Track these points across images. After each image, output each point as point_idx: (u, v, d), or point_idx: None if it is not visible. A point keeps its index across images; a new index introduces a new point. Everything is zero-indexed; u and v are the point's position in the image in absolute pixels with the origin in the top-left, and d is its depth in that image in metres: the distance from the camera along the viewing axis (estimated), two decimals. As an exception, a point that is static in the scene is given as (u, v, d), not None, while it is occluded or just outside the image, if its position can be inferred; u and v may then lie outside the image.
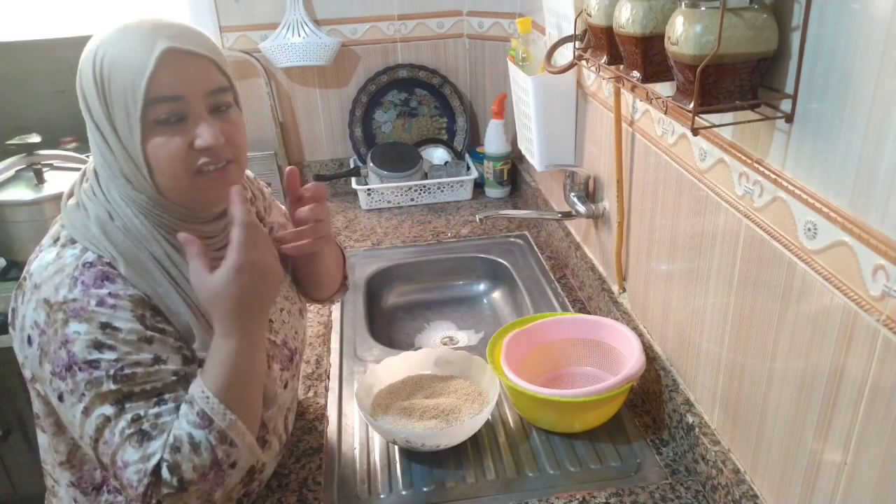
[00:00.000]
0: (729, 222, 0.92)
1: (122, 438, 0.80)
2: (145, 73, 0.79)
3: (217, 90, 0.85)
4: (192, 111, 0.82)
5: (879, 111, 0.64)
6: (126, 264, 0.83)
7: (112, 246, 0.84)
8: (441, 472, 1.10)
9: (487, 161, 2.05)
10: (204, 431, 0.81)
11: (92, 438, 0.81)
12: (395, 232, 1.91)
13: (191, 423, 0.81)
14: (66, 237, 0.86)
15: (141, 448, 0.80)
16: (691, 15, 0.76)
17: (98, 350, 0.80)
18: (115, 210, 0.85)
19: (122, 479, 0.81)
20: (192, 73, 0.82)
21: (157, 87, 0.80)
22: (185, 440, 0.80)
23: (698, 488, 1.04)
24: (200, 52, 0.83)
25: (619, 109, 1.23)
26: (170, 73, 0.80)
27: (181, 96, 0.81)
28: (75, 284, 0.81)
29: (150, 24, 0.82)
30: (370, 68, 2.14)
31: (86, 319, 0.80)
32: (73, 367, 0.80)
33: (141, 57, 0.79)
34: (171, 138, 0.82)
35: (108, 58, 0.80)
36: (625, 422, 1.18)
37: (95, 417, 0.80)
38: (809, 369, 0.77)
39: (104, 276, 0.82)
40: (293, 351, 1.04)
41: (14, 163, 1.73)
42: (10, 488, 1.94)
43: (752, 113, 0.80)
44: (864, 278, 0.67)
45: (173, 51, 0.80)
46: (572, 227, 1.66)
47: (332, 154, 2.25)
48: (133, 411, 0.80)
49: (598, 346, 1.26)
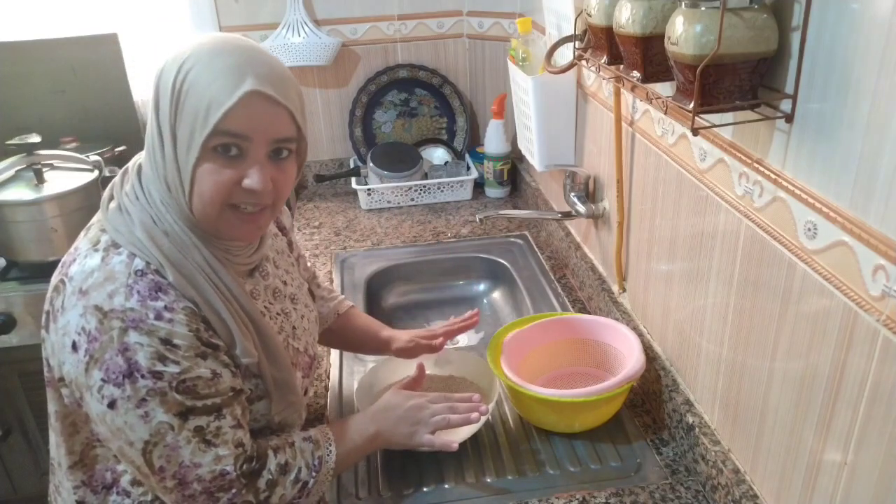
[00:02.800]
0: (729, 222, 0.92)
1: (188, 443, 0.83)
2: (223, 106, 0.79)
3: (284, 139, 0.85)
4: (252, 152, 0.83)
5: (879, 111, 0.64)
6: (174, 270, 0.83)
7: (159, 251, 0.83)
8: (441, 472, 1.10)
9: (487, 161, 2.05)
10: (311, 473, 0.93)
11: (146, 442, 0.82)
12: (395, 232, 1.91)
13: (306, 461, 0.94)
14: (107, 241, 0.85)
15: (210, 452, 0.84)
16: (691, 15, 0.76)
17: (162, 363, 0.80)
18: (157, 215, 0.85)
19: (187, 476, 0.84)
20: (267, 119, 0.83)
21: (228, 122, 0.80)
22: (293, 470, 0.92)
23: (698, 488, 1.04)
24: (282, 101, 0.83)
25: (619, 109, 1.23)
26: (245, 113, 0.80)
27: (248, 136, 0.82)
28: (131, 293, 0.81)
29: (244, 57, 0.81)
30: (370, 68, 2.14)
31: (146, 332, 0.80)
32: (133, 374, 0.80)
33: (225, 89, 0.79)
34: (224, 170, 0.82)
35: (193, 73, 0.80)
36: (625, 422, 1.18)
37: (157, 423, 0.81)
38: (809, 369, 0.77)
39: (157, 287, 0.82)
40: (312, 358, 1.07)
41: (14, 163, 1.73)
42: (10, 488, 1.94)
43: (752, 113, 0.80)
44: (864, 278, 0.67)
45: (257, 94, 0.80)
46: (572, 227, 1.66)
47: (332, 154, 2.25)
48: (196, 423, 0.83)
49: (598, 346, 1.26)
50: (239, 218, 0.86)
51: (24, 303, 1.66)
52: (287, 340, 1.00)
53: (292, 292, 1.05)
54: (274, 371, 0.93)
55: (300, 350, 1.03)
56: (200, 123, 0.80)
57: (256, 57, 0.83)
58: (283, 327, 1.00)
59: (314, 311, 1.12)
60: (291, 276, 1.07)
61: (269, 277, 1.00)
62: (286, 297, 1.03)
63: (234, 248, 0.91)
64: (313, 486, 0.94)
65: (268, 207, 0.88)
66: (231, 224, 0.86)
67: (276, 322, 0.99)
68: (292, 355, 1.00)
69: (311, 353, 1.06)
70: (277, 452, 0.92)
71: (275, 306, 1.00)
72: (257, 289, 0.98)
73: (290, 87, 0.85)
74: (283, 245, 1.10)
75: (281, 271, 1.05)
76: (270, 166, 0.85)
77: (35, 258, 1.66)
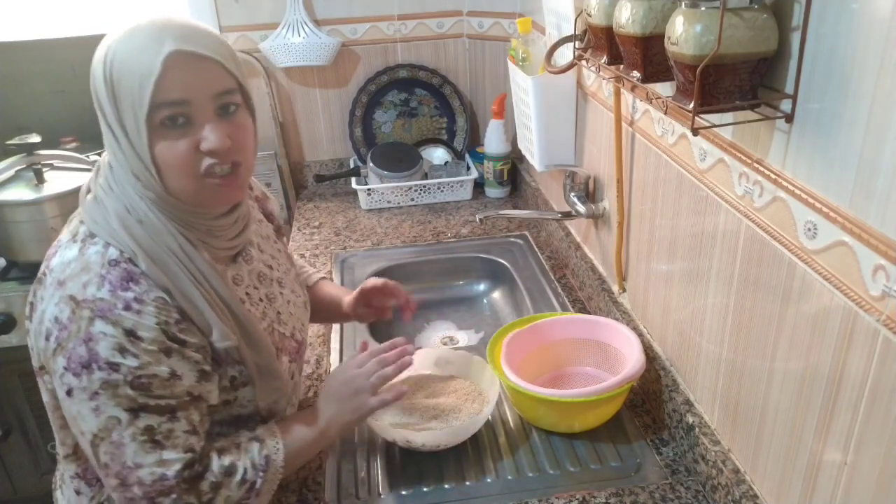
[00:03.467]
0: (729, 222, 0.92)
1: (133, 441, 0.82)
2: (151, 76, 0.78)
3: (224, 92, 0.84)
4: (198, 114, 0.82)
5: (879, 111, 0.64)
6: (146, 258, 0.84)
7: (132, 240, 0.84)
8: (441, 472, 1.10)
9: (487, 161, 2.05)
10: (258, 473, 0.90)
11: (95, 436, 0.82)
12: (395, 232, 1.91)
13: (252, 461, 0.90)
14: (85, 232, 0.86)
15: (154, 453, 0.83)
16: (691, 15, 0.76)
17: (121, 354, 0.81)
18: (130, 204, 0.85)
19: (128, 478, 0.83)
20: (199, 75, 0.82)
21: (162, 91, 0.79)
22: (239, 474, 0.89)
23: (698, 488, 1.04)
24: (207, 53, 0.82)
25: (619, 109, 1.23)
26: (175, 77, 0.80)
27: (187, 100, 0.81)
28: (103, 283, 0.81)
29: (158, 25, 0.81)
30: (370, 68, 2.14)
31: (112, 322, 0.80)
32: (91, 364, 0.80)
33: (148, 60, 0.79)
34: (178, 141, 0.82)
35: (117, 60, 0.80)
36: (625, 422, 1.18)
37: (106, 418, 0.82)
38: (809, 369, 0.77)
39: (129, 277, 0.83)
40: (300, 343, 1.06)
41: (14, 163, 1.73)
42: (10, 488, 1.94)
43: (752, 113, 0.80)
44: (864, 278, 0.67)
45: (179, 53, 0.79)
46: (572, 227, 1.66)
47: (332, 154, 2.25)
48: (146, 421, 0.83)
49: (598, 346, 1.26)
50: (217, 184, 0.86)
51: (24, 303, 1.66)
52: (272, 325, 1.00)
53: (279, 277, 1.05)
54: (256, 357, 0.93)
55: (286, 335, 1.02)
56: (138, 103, 0.79)
57: (172, 21, 0.82)
58: (266, 312, 1.00)
59: (302, 297, 1.11)
60: (278, 261, 1.07)
61: (252, 262, 1.00)
62: (272, 280, 1.04)
63: (217, 228, 0.91)
64: (262, 485, 0.91)
65: (240, 165, 0.87)
66: (211, 192, 0.86)
67: (259, 307, 0.99)
68: (277, 340, 1.00)
69: (298, 337, 1.05)
70: (222, 454, 0.89)
71: (259, 291, 1.00)
72: (240, 274, 0.97)
73: (214, 40, 0.84)
74: (269, 231, 1.10)
75: (266, 256, 1.04)
76: (223, 124, 0.84)
77: (35, 258, 1.66)
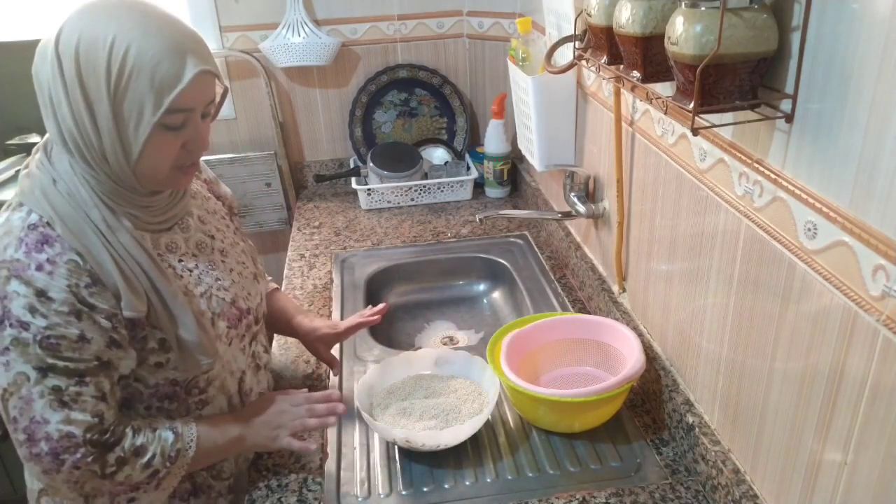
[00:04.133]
0: (729, 222, 0.92)
1: (41, 398, 0.87)
2: (175, 89, 0.86)
3: (212, 101, 0.94)
4: (193, 119, 0.91)
5: (879, 111, 0.64)
6: (62, 223, 0.88)
7: (50, 207, 0.89)
8: (441, 472, 1.10)
9: (487, 161, 2.05)
10: (165, 463, 0.95)
11: (5, 390, 0.87)
12: (395, 232, 1.91)
13: (163, 450, 0.95)
14: (15, 203, 0.92)
15: (62, 412, 0.88)
16: (691, 15, 0.76)
17: (31, 314, 0.85)
18: (59, 177, 0.90)
19: (35, 433, 0.87)
20: (207, 89, 0.91)
21: (180, 102, 0.87)
22: (147, 456, 0.93)
23: (698, 488, 1.04)
24: (215, 71, 0.91)
25: (619, 109, 1.23)
26: (193, 90, 0.88)
27: (193, 108, 0.90)
28: (20, 245, 0.87)
29: (176, 35, 0.87)
30: (370, 68, 2.14)
31: (25, 282, 0.85)
32: (4, 321, 0.85)
33: (172, 70, 0.85)
34: (173, 140, 0.90)
35: (132, 55, 0.84)
36: (625, 422, 1.18)
37: (15, 373, 0.86)
38: (809, 369, 0.77)
39: (44, 240, 0.87)
40: (242, 311, 1.08)
41: (14, 163, 1.73)
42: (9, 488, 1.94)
43: (752, 113, 0.80)
44: (864, 278, 0.67)
45: (204, 73, 0.88)
46: (572, 227, 1.66)
47: (332, 154, 2.25)
48: (54, 381, 0.87)
49: (598, 346, 1.26)
50: (182, 172, 0.95)
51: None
52: (209, 291, 1.02)
53: (221, 247, 1.08)
54: (174, 328, 0.95)
55: (226, 300, 1.04)
56: (152, 104, 0.86)
57: (182, 31, 0.89)
58: (202, 279, 1.02)
59: (251, 269, 1.14)
60: (223, 234, 1.11)
61: (190, 230, 1.04)
62: (213, 249, 1.06)
63: (153, 203, 0.97)
64: (164, 476, 0.95)
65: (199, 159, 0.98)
66: (175, 179, 0.95)
67: (195, 273, 1.01)
68: (215, 305, 1.02)
69: (242, 305, 1.07)
70: (137, 433, 0.93)
71: (198, 258, 1.03)
72: (175, 241, 1.01)
73: (209, 50, 0.93)
74: (217, 207, 1.14)
75: (209, 227, 1.08)
76: (204, 125, 0.94)
77: (35, 258, 1.66)
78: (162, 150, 0.90)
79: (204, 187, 1.14)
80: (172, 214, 1.00)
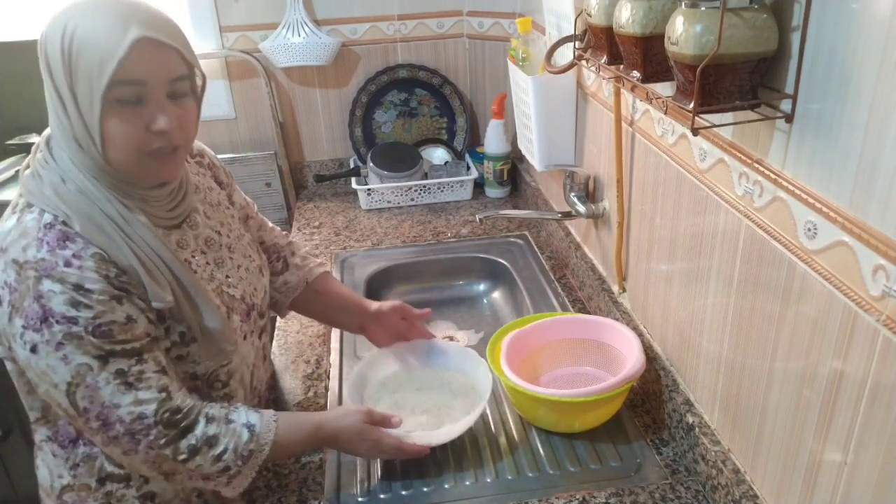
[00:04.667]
0: (729, 222, 0.92)
1: (108, 384, 0.87)
2: (115, 56, 0.83)
3: (177, 78, 0.90)
4: (151, 95, 0.87)
5: (879, 111, 0.64)
6: (80, 220, 0.88)
7: (65, 205, 0.88)
8: (441, 472, 1.10)
9: (487, 161, 2.05)
10: (237, 461, 0.93)
11: (69, 384, 0.87)
12: (395, 232, 1.91)
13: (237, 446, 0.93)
14: (23, 203, 0.90)
15: (131, 394, 0.88)
16: (691, 15, 0.76)
17: (75, 308, 0.85)
18: (66, 174, 0.90)
19: (109, 416, 0.87)
20: (159, 61, 0.87)
21: (124, 71, 0.84)
22: (219, 449, 0.92)
23: (698, 488, 1.04)
24: (170, 42, 0.87)
25: (619, 109, 1.23)
26: (138, 59, 0.84)
27: (144, 81, 0.86)
28: (41, 245, 0.86)
29: (124, 7, 0.86)
30: (370, 68, 2.14)
31: (58, 279, 0.85)
32: (49, 319, 0.84)
33: (112, 40, 0.83)
34: (130, 118, 0.87)
35: (79, 32, 0.84)
36: (625, 422, 1.18)
37: (77, 365, 0.86)
38: (809, 369, 0.77)
39: (65, 237, 0.87)
40: (250, 306, 1.09)
41: (14, 163, 1.73)
42: (9, 488, 1.94)
43: (752, 113, 0.80)
44: (864, 278, 0.67)
45: (146, 40, 0.85)
46: (572, 227, 1.66)
47: (332, 154, 2.25)
48: (116, 366, 0.87)
49: (598, 346, 1.26)
50: (156, 161, 0.91)
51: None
52: (220, 287, 1.03)
53: (228, 242, 1.08)
54: (197, 317, 0.96)
55: (235, 297, 1.05)
56: (97, 78, 0.84)
57: (136, 5, 0.87)
58: (213, 275, 1.03)
59: (256, 262, 1.14)
60: (228, 227, 1.10)
61: (198, 227, 1.04)
62: (221, 245, 1.06)
63: (152, 198, 0.95)
64: (235, 474, 0.94)
65: (180, 147, 0.93)
66: (150, 168, 0.92)
67: (207, 270, 1.02)
68: (227, 301, 1.03)
69: (248, 301, 1.08)
70: (210, 423, 0.93)
71: (207, 255, 1.03)
72: (185, 238, 1.01)
73: (174, 28, 0.90)
74: (219, 198, 1.12)
75: (214, 222, 1.07)
76: (172, 107, 0.90)
77: (35, 258, 1.66)
78: (122, 132, 0.87)
79: (207, 175, 1.12)
80: (180, 211, 1.00)
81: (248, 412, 0.97)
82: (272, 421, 0.98)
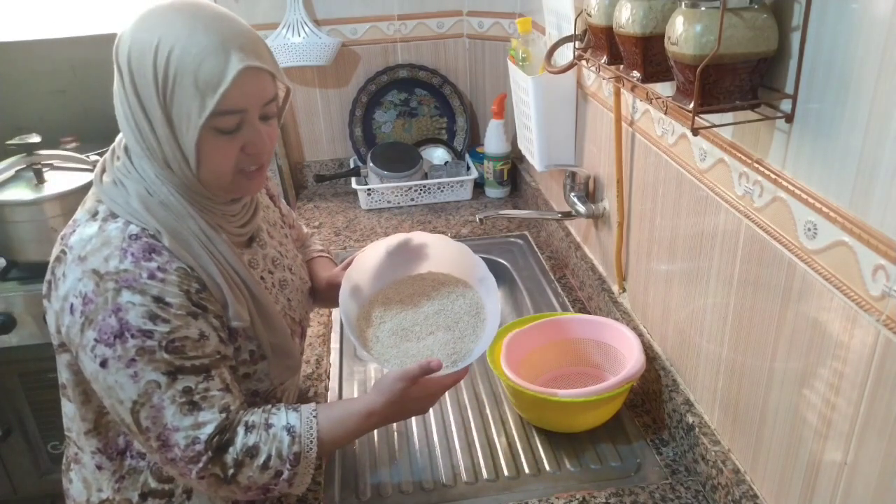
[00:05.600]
0: (729, 222, 0.92)
1: (173, 403, 0.85)
2: (219, 88, 0.81)
3: (270, 100, 0.89)
4: (248, 119, 0.87)
5: (879, 111, 0.64)
6: (169, 237, 0.87)
7: (154, 219, 0.87)
8: (441, 472, 1.10)
9: (487, 161, 2.05)
10: (286, 465, 0.90)
11: (135, 402, 0.85)
12: (395, 232, 1.90)
13: (279, 451, 0.90)
14: (105, 211, 0.88)
15: (192, 416, 0.86)
16: (691, 15, 0.76)
17: (152, 321, 0.84)
18: (151, 187, 0.88)
19: (169, 439, 0.86)
20: (257, 87, 0.86)
21: (226, 102, 0.83)
22: (262, 458, 0.89)
23: (698, 488, 1.04)
24: (266, 67, 0.86)
25: (619, 109, 1.23)
26: (240, 90, 0.83)
27: (245, 109, 0.86)
28: (125, 256, 0.84)
29: (222, 31, 0.83)
30: (370, 68, 2.14)
31: (139, 291, 0.83)
32: (124, 333, 0.83)
33: (216, 69, 0.81)
34: (228, 143, 0.87)
35: (176, 53, 0.81)
36: (625, 422, 1.18)
37: (145, 383, 0.84)
38: (809, 369, 0.77)
39: (151, 249, 0.86)
40: (304, 329, 1.13)
41: (14, 163, 1.73)
42: (9, 488, 1.94)
43: (752, 113, 0.80)
44: (864, 278, 0.67)
45: (248, 69, 0.83)
46: (572, 227, 1.66)
47: (332, 154, 2.25)
48: (184, 383, 0.86)
49: (598, 346, 1.26)
50: (246, 178, 0.91)
51: (24, 303, 1.66)
52: (284, 311, 1.04)
53: (289, 263, 1.09)
54: (271, 336, 0.96)
55: (295, 319, 1.07)
56: (197, 107, 0.82)
57: (232, 27, 0.85)
58: (278, 298, 1.04)
59: (308, 284, 1.15)
60: (286, 247, 1.11)
61: (266, 247, 1.04)
62: (285, 267, 1.07)
63: (228, 213, 0.95)
64: (291, 476, 0.91)
65: (265, 163, 0.94)
66: (240, 185, 0.92)
67: (273, 292, 1.03)
68: (290, 323, 1.04)
69: (304, 324, 1.12)
70: (249, 431, 0.90)
71: (273, 275, 1.04)
72: (255, 258, 1.01)
73: (264, 47, 0.89)
74: (275, 217, 1.12)
75: (275, 242, 1.08)
76: (265, 128, 0.90)
77: (35, 258, 1.66)
78: (218, 155, 0.86)
79: (262, 192, 1.11)
80: (250, 228, 0.99)
81: (287, 412, 0.93)
82: (311, 417, 0.93)
